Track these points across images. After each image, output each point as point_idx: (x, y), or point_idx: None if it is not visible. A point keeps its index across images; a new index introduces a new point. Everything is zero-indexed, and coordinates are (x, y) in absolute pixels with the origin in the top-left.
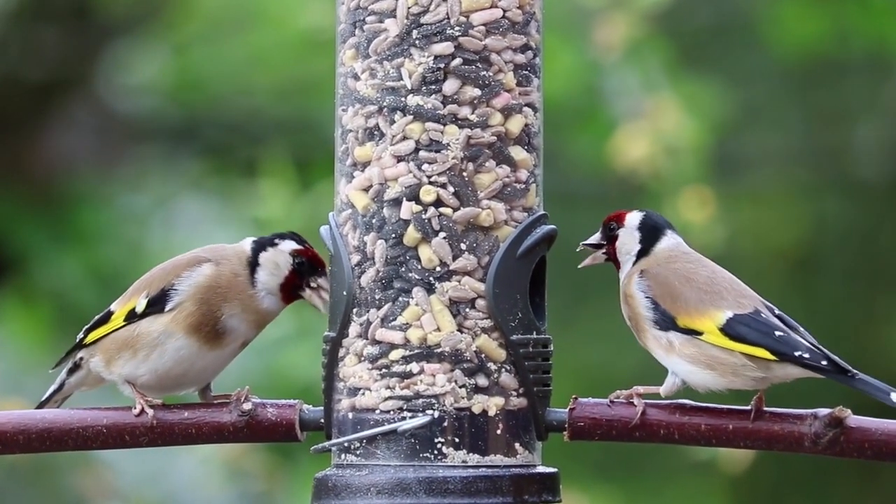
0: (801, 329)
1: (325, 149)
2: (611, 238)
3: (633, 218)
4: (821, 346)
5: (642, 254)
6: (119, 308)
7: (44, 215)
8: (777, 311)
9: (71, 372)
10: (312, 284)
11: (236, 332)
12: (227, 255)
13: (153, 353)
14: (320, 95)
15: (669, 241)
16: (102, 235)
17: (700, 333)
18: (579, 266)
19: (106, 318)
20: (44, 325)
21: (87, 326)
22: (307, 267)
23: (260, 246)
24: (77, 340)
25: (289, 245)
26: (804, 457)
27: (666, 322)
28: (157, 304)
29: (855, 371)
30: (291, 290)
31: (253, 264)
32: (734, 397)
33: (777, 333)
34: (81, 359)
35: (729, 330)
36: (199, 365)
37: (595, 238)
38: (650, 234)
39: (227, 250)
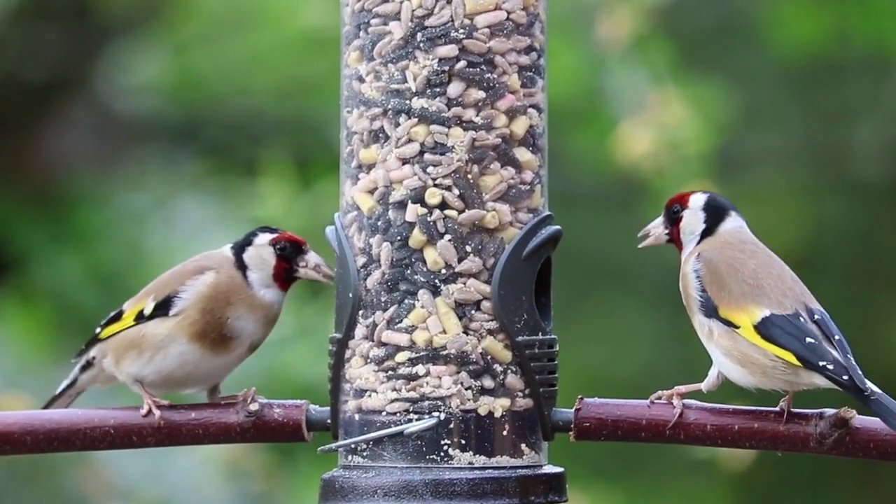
0: (840, 337)
1: (326, 149)
2: (675, 220)
3: (698, 199)
4: (850, 360)
5: (706, 233)
6: (130, 308)
7: (44, 215)
8: (817, 316)
9: (84, 369)
10: (302, 264)
11: (244, 334)
12: (220, 261)
13: (157, 355)
14: (321, 95)
15: (734, 223)
16: (102, 235)
17: (737, 327)
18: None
19: (118, 315)
20: (43, 325)
21: (102, 322)
22: (290, 249)
23: (240, 248)
24: (94, 334)
25: (265, 237)
26: (805, 456)
27: (709, 309)
28: (162, 308)
29: (874, 391)
30: (285, 275)
31: (242, 266)
32: (735, 397)
33: (808, 340)
34: (94, 357)
35: (762, 328)
36: (203, 369)
37: (657, 222)
38: (715, 214)
39: (219, 256)
